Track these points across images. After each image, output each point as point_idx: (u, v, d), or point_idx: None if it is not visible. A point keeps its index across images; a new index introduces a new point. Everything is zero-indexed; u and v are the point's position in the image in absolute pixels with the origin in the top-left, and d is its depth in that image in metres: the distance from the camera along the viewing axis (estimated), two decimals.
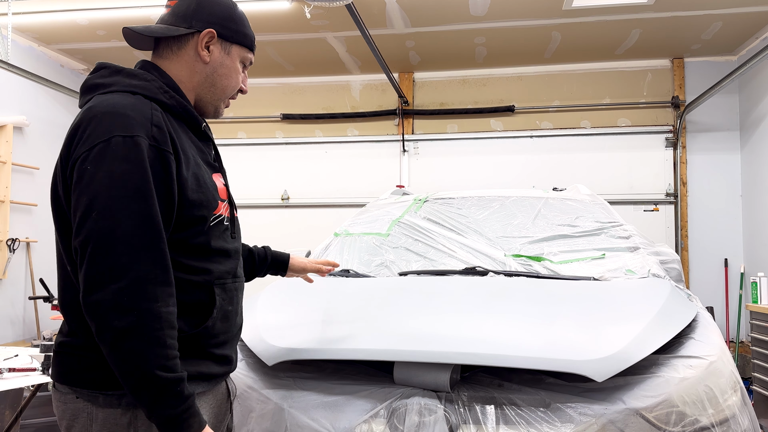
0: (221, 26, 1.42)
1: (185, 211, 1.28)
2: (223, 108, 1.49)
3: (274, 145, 6.93)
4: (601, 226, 2.98)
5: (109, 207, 1.16)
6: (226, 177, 1.47)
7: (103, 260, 1.14)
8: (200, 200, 1.31)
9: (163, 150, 1.24)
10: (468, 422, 1.66)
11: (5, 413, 3.37)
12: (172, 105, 1.34)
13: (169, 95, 1.34)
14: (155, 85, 1.33)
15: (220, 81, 1.44)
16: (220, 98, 1.46)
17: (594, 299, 2.19)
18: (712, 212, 6.13)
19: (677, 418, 1.68)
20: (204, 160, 1.40)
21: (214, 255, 1.36)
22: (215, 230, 1.36)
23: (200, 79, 1.42)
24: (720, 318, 5.97)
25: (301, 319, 2.16)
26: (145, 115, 1.25)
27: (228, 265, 1.40)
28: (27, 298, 5.83)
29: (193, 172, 1.31)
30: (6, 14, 4.74)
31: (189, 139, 1.38)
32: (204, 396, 1.35)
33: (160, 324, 1.15)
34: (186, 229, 1.29)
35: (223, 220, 1.39)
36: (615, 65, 6.40)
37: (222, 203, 1.39)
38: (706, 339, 1.99)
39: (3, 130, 5.48)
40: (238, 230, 1.50)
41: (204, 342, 1.33)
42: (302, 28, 5.51)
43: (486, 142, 6.56)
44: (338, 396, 1.80)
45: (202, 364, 1.33)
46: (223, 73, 1.44)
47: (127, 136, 1.20)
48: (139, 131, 1.21)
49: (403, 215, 3.24)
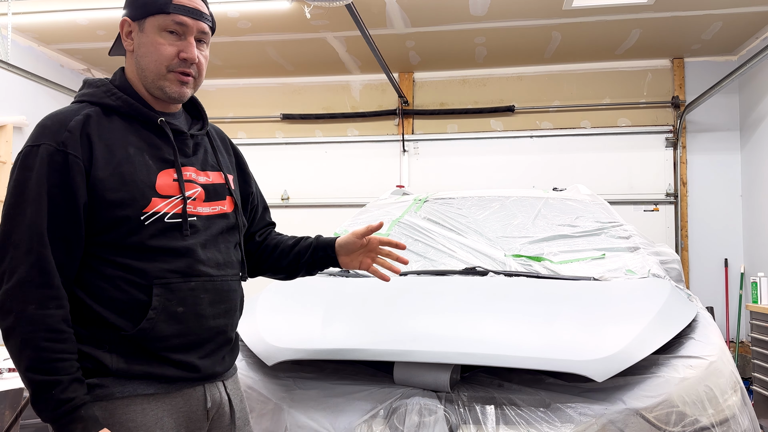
0: (130, 8, 1.38)
1: (104, 211, 1.27)
2: (172, 86, 1.37)
3: (274, 145, 6.93)
4: (601, 226, 2.98)
5: (7, 213, 1.25)
6: (180, 172, 1.37)
7: (0, 264, 1.23)
8: (122, 199, 1.28)
9: (68, 154, 1.26)
10: (468, 422, 1.66)
11: (5, 413, 3.36)
12: (118, 105, 1.35)
13: (115, 96, 1.36)
14: (102, 90, 1.37)
15: (143, 61, 1.36)
16: (154, 79, 1.36)
17: (594, 299, 2.19)
18: (712, 212, 6.13)
19: (677, 418, 1.68)
20: (154, 156, 1.35)
21: (155, 254, 1.31)
22: (151, 228, 1.30)
23: (136, 69, 1.38)
24: (720, 318, 5.97)
25: (300, 319, 2.16)
26: (63, 122, 1.29)
27: (176, 264, 1.32)
28: None
29: (118, 171, 1.29)
30: (6, 14, 4.74)
31: (139, 137, 1.35)
32: (159, 399, 1.31)
33: (32, 327, 1.19)
34: (113, 229, 1.28)
35: (164, 217, 1.32)
36: (615, 65, 6.40)
37: (162, 200, 1.32)
38: (706, 339, 1.99)
39: (3, 130, 5.48)
40: (206, 227, 1.40)
41: (149, 344, 1.29)
42: (302, 28, 5.51)
43: (486, 142, 6.56)
44: (338, 396, 1.80)
45: (153, 365, 1.30)
46: (142, 53, 1.36)
47: (33, 145, 1.27)
48: (46, 139, 1.26)
49: (403, 215, 3.24)
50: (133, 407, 1.28)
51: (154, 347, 1.30)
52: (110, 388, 1.26)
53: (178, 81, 1.37)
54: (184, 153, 1.42)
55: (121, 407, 1.27)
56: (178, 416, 1.33)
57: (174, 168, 1.37)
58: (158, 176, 1.34)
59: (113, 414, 1.26)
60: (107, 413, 1.25)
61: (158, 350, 1.30)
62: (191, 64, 1.37)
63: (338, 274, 2.80)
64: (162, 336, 1.30)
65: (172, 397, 1.33)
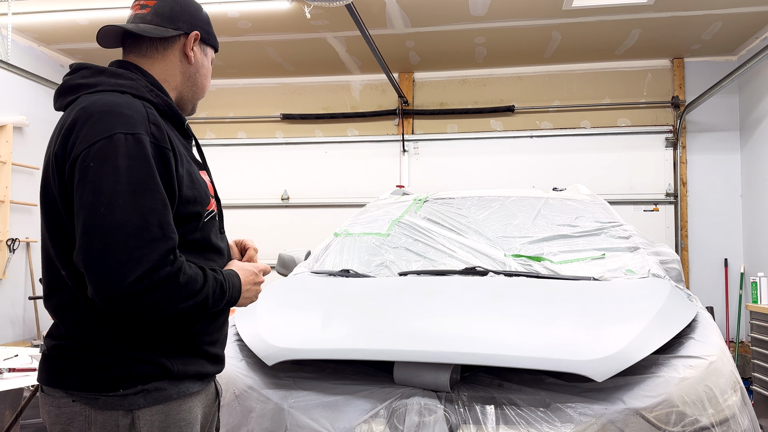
0: (204, 30, 1.48)
1: (182, 207, 1.28)
2: (196, 106, 1.56)
3: (274, 145, 6.93)
4: (601, 226, 2.98)
5: (116, 203, 1.15)
6: (210, 174, 1.49)
7: (119, 255, 1.13)
8: (195, 197, 1.32)
9: (162, 147, 1.25)
10: (468, 422, 1.66)
11: (5, 413, 3.36)
12: (159, 103, 1.35)
13: (154, 93, 1.35)
14: (141, 83, 1.34)
15: (201, 81, 1.50)
16: (198, 97, 1.51)
17: (594, 299, 2.19)
18: (712, 212, 6.13)
19: (677, 418, 1.68)
20: (191, 158, 1.41)
21: (208, 252, 1.37)
22: (209, 226, 1.38)
23: (183, 79, 1.46)
24: (720, 318, 5.97)
25: (301, 319, 2.16)
26: (142, 114, 1.25)
27: (219, 263, 1.41)
28: (27, 298, 5.83)
29: (187, 170, 1.33)
30: (6, 14, 4.74)
31: (176, 136, 1.38)
32: (198, 396, 1.35)
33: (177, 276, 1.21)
34: (182, 226, 1.29)
35: (215, 217, 1.41)
36: (615, 65, 6.40)
37: (212, 200, 1.41)
38: (706, 339, 1.99)
39: (3, 130, 5.48)
40: (223, 227, 1.52)
41: (199, 339, 1.34)
42: (302, 28, 5.51)
43: (486, 142, 6.56)
44: (338, 396, 1.80)
45: (198, 363, 1.34)
46: (203, 73, 1.50)
47: (129, 133, 1.20)
48: (139, 129, 1.22)
49: (403, 215, 3.24)
50: (184, 406, 1.30)
51: (201, 341, 1.34)
52: (168, 390, 1.27)
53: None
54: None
55: (176, 407, 1.28)
56: (203, 409, 1.38)
57: (204, 170, 1.45)
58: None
59: (169, 415, 1.27)
60: (163, 416, 1.26)
61: (202, 345, 1.35)
62: None
63: (338, 274, 2.80)
64: (209, 331, 1.37)
65: (205, 392, 1.38)
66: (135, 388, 1.23)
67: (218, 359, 1.42)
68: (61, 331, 1.28)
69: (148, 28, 1.40)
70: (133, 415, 1.23)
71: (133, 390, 1.23)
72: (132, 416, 1.23)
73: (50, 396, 1.27)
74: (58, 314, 1.28)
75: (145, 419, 1.23)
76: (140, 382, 1.23)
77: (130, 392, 1.22)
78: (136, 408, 1.23)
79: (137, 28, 1.39)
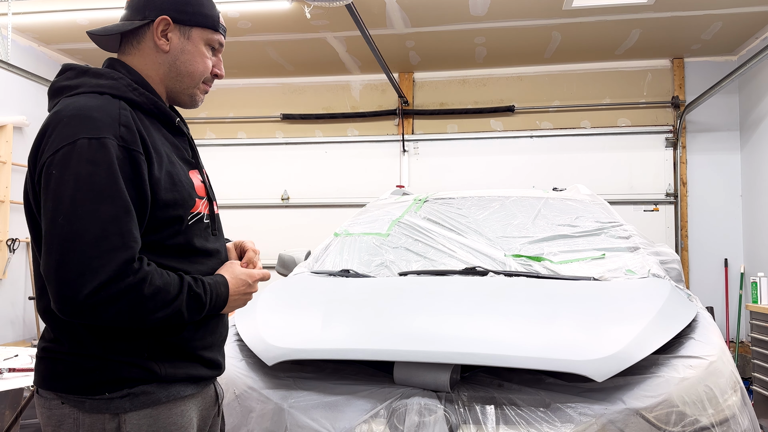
0: (176, 11, 1.36)
1: (159, 211, 1.24)
2: (200, 95, 1.44)
3: (274, 145, 6.93)
4: (601, 226, 2.98)
5: (75, 212, 1.12)
6: (203, 173, 1.44)
7: (75, 266, 1.10)
8: (175, 199, 1.28)
9: (131, 150, 1.20)
10: (468, 422, 1.66)
11: (5, 413, 3.36)
12: (142, 102, 1.30)
13: (138, 92, 1.30)
14: (123, 83, 1.30)
15: (185, 68, 1.38)
16: (189, 86, 1.40)
17: (594, 299, 2.19)
18: (712, 212, 6.13)
19: (677, 418, 1.68)
20: (180, 157, 1.36)
21: (194, 255, 1.33)
22: (195, 229, 1.33)
23: (165, 70, 1.37)
24: (720, 318, 5.97)
25: (301, 319, 2.16)
26: (113, 116, 1.21)
27: (209, 265, 1.36)
28: (27, 298, 5.83)
29: (167, 171, 1.28)
30: (6, 14, 4.74)
31: (163, 136, 1.34)
32: (193, 398, 1.34)
33: (141, 285, 1.17)
34: (162, 230, 1.26)
35: (203, 218, 1.36)
36: (615, 65, 6.40)
37: (200, 201, 1.36)
38: (706, 339, 1.99)
39: (3, 130, 5.48)
40: (220, 228, 1.46)
41: (190, 345, 1.31)
42: (302, 28, 5.51)
43: (486, 142, 6.56)
44: (338, 396, 1.80)
45: (191, 366, 1.32)
46: (185, 59, 1.38)
47: (93, 138, 1.16)
48: (105, 132, 1.18)
49: (403, 215, 3.24)
50: (175, 410, 1.28)
51: (194, 347, 1.32)
52: (156, 394, 1.25)
53: (203, 92, 1.44)
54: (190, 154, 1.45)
55: (165, 411, 1.27)
56: (199, 413, 1.37)
57: (195, 169, 1.40)
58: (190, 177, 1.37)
59: (158, 419, 1.26)
60: (152, 420, 1.25)
61: (195, 350, 1.33)
62: (214, 77, 1.45)
63: (338, 274, 2.80)
64: (199, 336, 1.34)
65: (201, 395, 1.37)
66: (121, 391, 1.22)
67: (214, 363, 1.39)
68: (50, 334, 1.28)
69: (112, 25, 1.38)
70: (119, 418, 1.22)
71: (119, 393, 1.22)
72: (118, 420, 1.22)
73: (43, 398, 1.27)
74: (46, 318, 1.27)
75: (132, 423, 1.22)
76: (126, 386, 1.22)
77: (116, 396, 1.21)
78: (122, 412, 1.22)
79: (102, 29, 1.37)
